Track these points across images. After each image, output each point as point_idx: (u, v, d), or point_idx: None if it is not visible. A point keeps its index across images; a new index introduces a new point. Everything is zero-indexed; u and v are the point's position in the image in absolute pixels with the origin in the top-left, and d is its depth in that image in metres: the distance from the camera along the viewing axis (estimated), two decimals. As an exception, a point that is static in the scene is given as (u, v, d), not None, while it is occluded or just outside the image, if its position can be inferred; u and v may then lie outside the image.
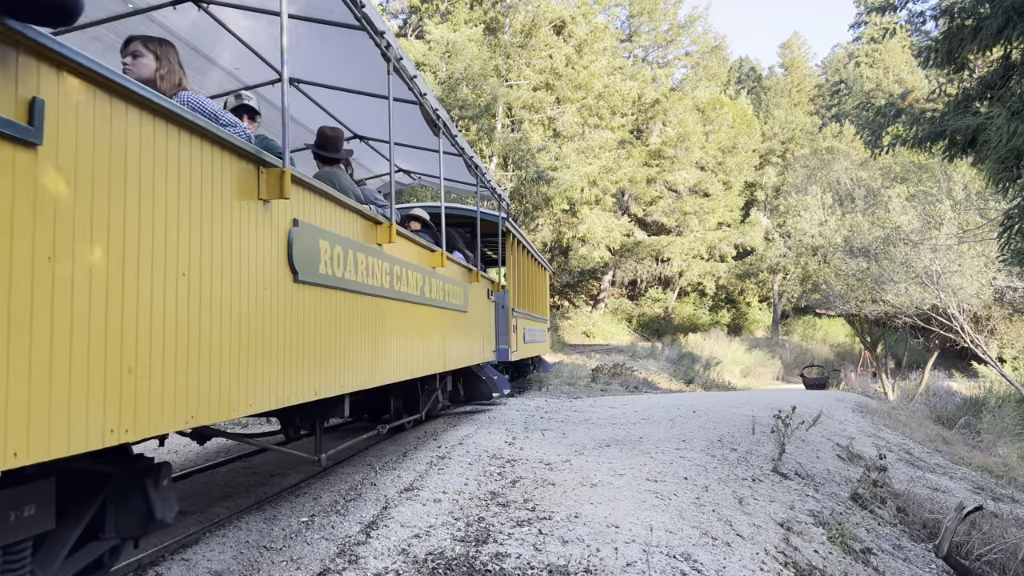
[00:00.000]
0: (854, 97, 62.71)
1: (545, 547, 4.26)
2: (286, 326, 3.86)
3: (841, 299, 31.32)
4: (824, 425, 11.73)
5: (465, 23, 34.18)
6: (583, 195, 36.67)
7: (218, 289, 3.12)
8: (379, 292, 5.46)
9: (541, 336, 17.63)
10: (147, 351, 2.61)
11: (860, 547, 5.87)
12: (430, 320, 7.00)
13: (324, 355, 4.39)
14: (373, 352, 5.33)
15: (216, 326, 3.08)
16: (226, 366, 3.14)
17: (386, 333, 5.65)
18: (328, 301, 4.49)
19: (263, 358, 3.56)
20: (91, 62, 2.32)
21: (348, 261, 4.82)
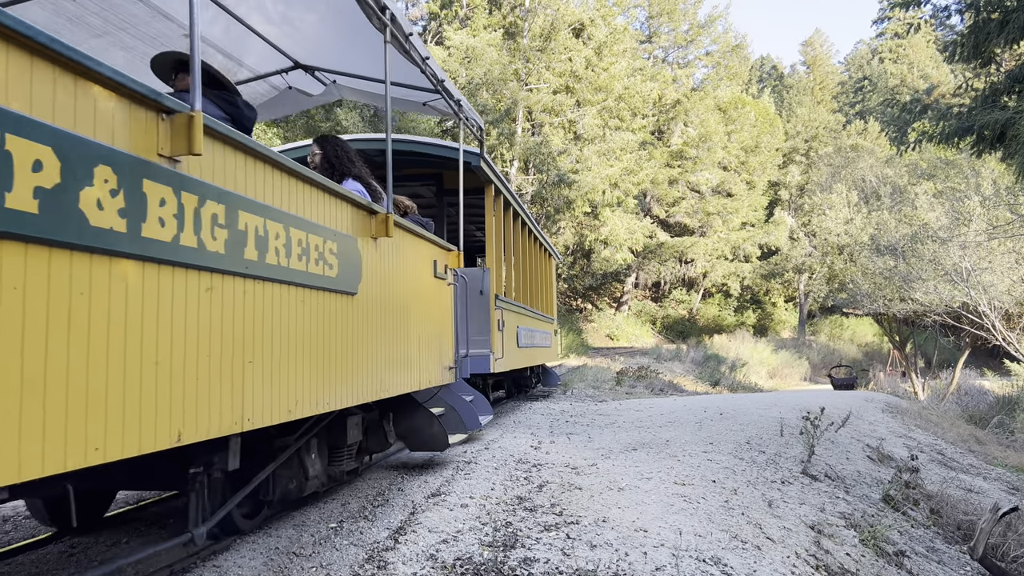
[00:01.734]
0: (878, 94, 62.02)
1: (573, 552, 4.25)
2: None
3: (868, 298, 30.97)
4: (853, 426, 11.59)
5: (484, 28, 34.28)
6: (605, 197, 36.58)
7: None
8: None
9: (545, 339, 14.26)
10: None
11: (893, 550, 5.79)
12: (257, 312, 3.32)
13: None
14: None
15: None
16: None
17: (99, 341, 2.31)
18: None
19: None
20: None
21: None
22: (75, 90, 2.24)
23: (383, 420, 5.91)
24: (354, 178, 5.12)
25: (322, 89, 6.82)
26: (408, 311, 5.46)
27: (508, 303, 9.88)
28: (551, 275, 16.31)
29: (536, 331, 12.88)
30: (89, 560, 4.25)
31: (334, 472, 5.11)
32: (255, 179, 3.34)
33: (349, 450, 5.27)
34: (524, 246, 12.16)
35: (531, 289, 12.76)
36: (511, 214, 10.82)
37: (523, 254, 12.10)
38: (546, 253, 15.36)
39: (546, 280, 15.36)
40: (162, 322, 2.63)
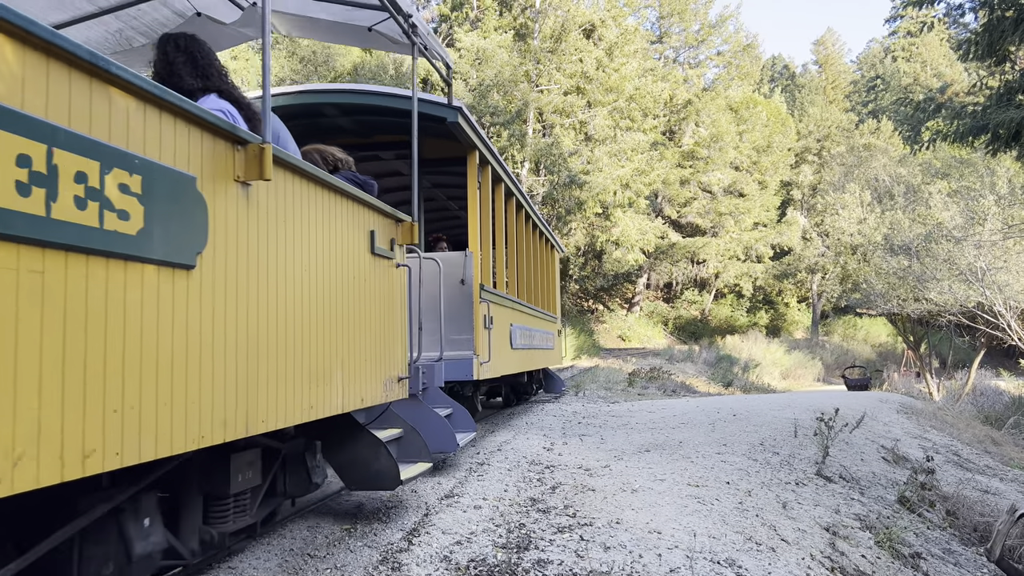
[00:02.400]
0: (891, 92, 61.69)
1: (587, 553, 4.25)
2: None
3: (882, 298, 30.80)
4: (868, 427, 11.52)
5: (495, 30, 34.32)
6: (616, 198, 36.53)
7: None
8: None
9: (547, 340, 12.68)
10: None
11: (909, 551, 5.75)
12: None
13: None
14: None
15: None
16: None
17: None
18: None
19: None
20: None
21: None
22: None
23: (307, 452, 4.26)
24: (218, 94, 3.54)
25: (238, 15, 5.31)
26: (321, 300, 3.75)
27: (498, 296, 8.32)
28: (554, 269, 14.50)
29: (535, 331, 11.25)
30: None
31: (209, 536, 3.42)
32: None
33: (239, 501, 3.65)
34: (521, 233, 10.46)
35: (529, 283, 11.18)
36: (503, 191, 9.09)
37: (519, 242, 10.42)
38: (548, 244, 13.55)
39: (548, 274, 13.69)
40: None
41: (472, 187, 7.63)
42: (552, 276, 14.27)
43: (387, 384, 4.68)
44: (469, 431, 6.60)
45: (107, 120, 2.26)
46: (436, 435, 5.77)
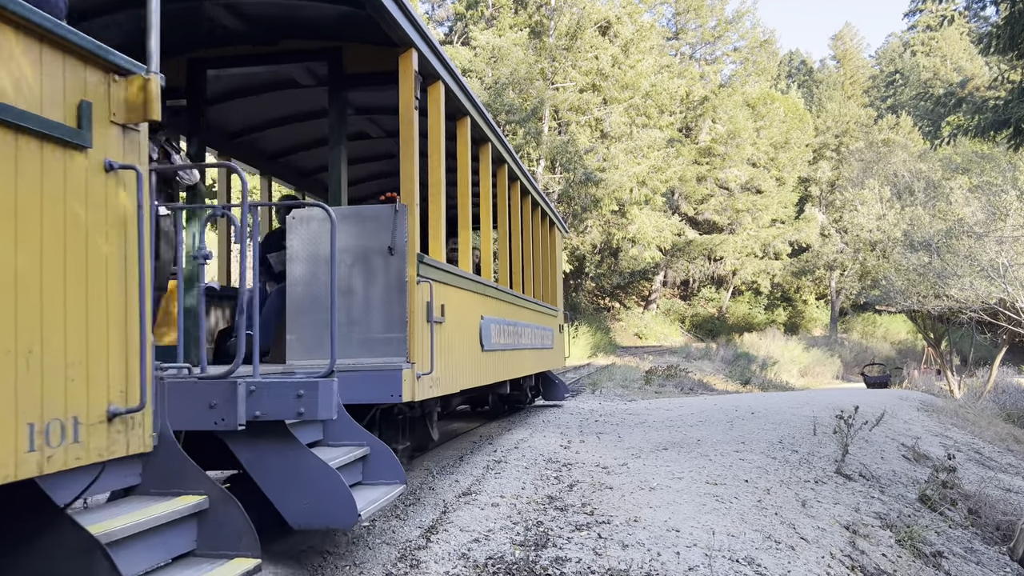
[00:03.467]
0: (911, 87, 61.08)
1: (605, 551, 4.24)
2: None
3: (902, 295, 30.50)
4: (888, 425, 11.42)
5: (510, 28, 34.29)
6: (632, 195, 36.40)
7: None
8: None
9: (542, 338, 10.36)
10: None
11: (930, 550, 5.70)
12: None
13: None
14: None
15: None
16: None
17: None
18: None
19: None
20: None
21: None
22: None
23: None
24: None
25: None
26: None
27: (453, 276, 5.96)
28: (554, 250, 11.96)
29: (524, 326, 8.89)
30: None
31: None
32: None
33: None
34: (504, 199, 8.18)
35: (517, 266, 8.90)
36: (467, 128, 6.58)
37: (503, 211, 8.24)
38: (545, 220, 11.09)
39: (546, 257, 11.20)
40: None
41: (407, 106, 5.04)
42: (552, 260, 11.73)
43: (53, 431, 2.16)
44: (391, 483, 4.19)
45: None
46: (309, 498, 3.59)
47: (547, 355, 10.96)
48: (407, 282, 4.83)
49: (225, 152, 7.30)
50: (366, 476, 4.22)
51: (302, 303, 4.85)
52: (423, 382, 5.00)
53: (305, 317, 4.83)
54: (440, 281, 5.45)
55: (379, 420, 5.21)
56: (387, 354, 4.80)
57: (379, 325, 4.85)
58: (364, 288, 4.88)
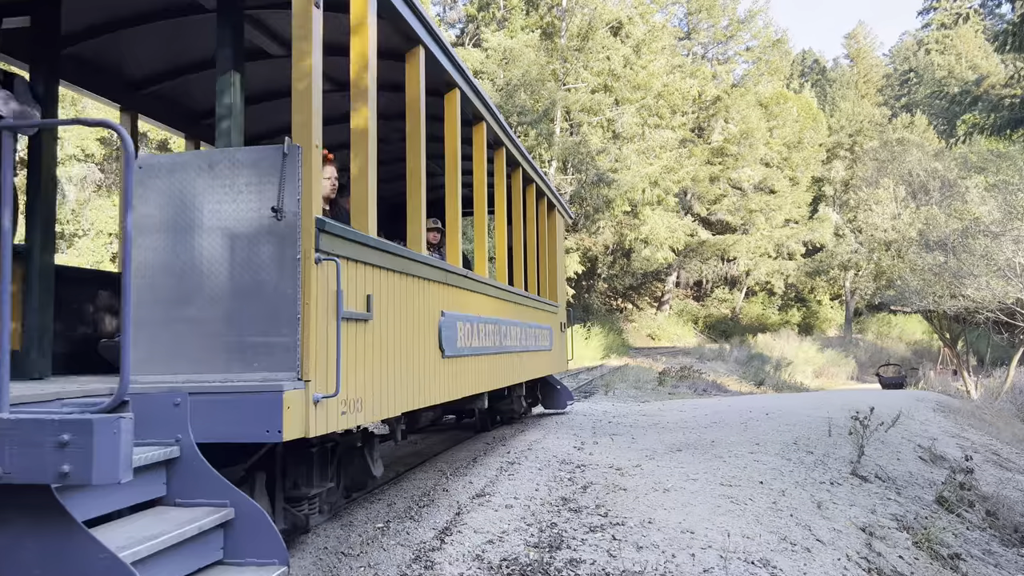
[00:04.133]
0: (925, 86, 60.59)
1: (620, 553, 4.23)
2: None
3: (917, 295, 30.25)
4: (904, 426, 11.34)
5: (522, 29, 34.33)
6: (644, 196, 36.35)
7: None
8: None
9: (538, 338, 8.82)
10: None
11: (948, 552, 5.65)
12: None
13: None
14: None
15: None
16: None
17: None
18: None
19: None
20: None
21: None
22: None
23: None
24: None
25: None
26: None
27: (387, 255, 4.31)
28: (552, 237, 10.24)
29: (513, 325, 7.38)
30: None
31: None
32: None
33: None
34: (483, 169, 6.40)
35: (504, 252, 7.58)
36: (433, 66, 5.09)
37: (482, 184, 6.47)
38: (542, 199, 9.39)
39: (544, 244, 9.64)
40: None
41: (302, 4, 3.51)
42: (551, 248, 10.10)
43: None
44: (265, 563, 2.94)
45: None
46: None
47: (544, 358, 9.37)
48: (299, 260, 3.30)
49: (81, 82, 5.39)
50: (230, 552, 2.93)
51: (156, 292, 3.41)
52: (325, 409, 3.42)
53: (161, 312, 3.39)
54: (361, 261, 3.88)
55: (283, 455, 3.83)
56: (267, 367, 3.28)
57: (256, 323, 3.32)
58: (237, 268, 3.36)
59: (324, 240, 3.42)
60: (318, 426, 3.36)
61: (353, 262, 3.77)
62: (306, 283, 3.30)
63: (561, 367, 10.82)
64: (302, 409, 3.23)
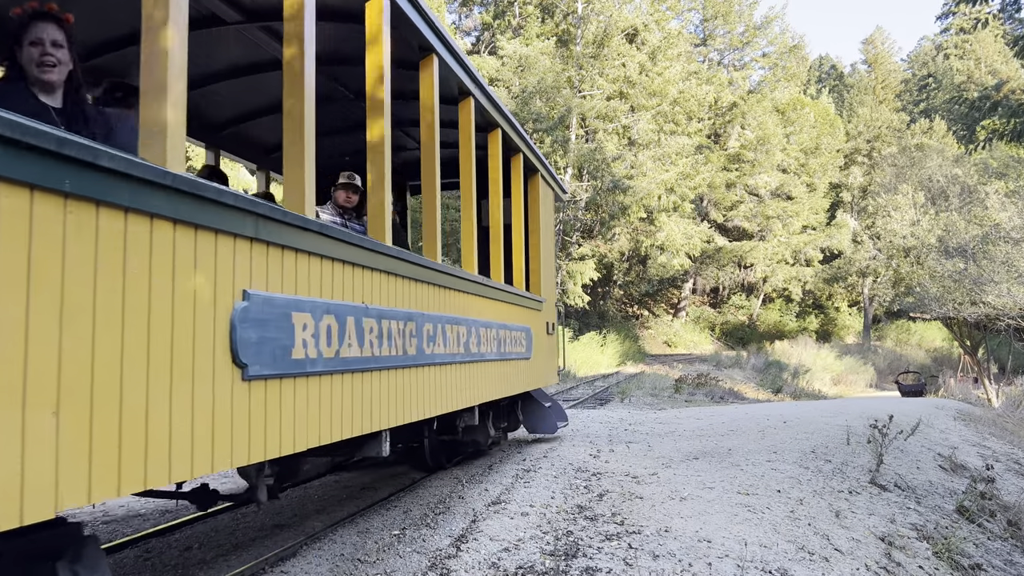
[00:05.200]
0: (944, 91, 60.14)
1: (636, 562, 4.22)
2: None
3: (937, 302, 29.99)
4: (924, 434, 11.23)
5: (537, 37, 34.42)
6: (660, 202, 36.29)
7: None
8: None
9: (517, 343, 7.00)
10: None
11: (969, 563, 5.59)
12: None
13: None
14: None
15: None
16: None
17: None
18: None
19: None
20: None
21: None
22: None
23: None
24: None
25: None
26: None
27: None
28: (536, 213, 8.10)
29: (455, 323, 5.28)
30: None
31: None
32: None
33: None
34: (432, 118, 4.96)
35: (473, 237, 5.86)
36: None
37: (432, 140, 4.99)
38: (528, 169, 7.72)
39: (528, 223, 7.95)
40: None
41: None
42: (537, 228, 8.05)
43: None
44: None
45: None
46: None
47: (520, 369, 7.05)
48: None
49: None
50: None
51: None
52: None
53: None
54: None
55: None
56: None
57: None
58: None
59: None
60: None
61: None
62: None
63: (547, 379, 8.37)
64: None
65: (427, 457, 6.71)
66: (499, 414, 7.65)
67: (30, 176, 1.85)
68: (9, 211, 1.81)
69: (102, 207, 2.10)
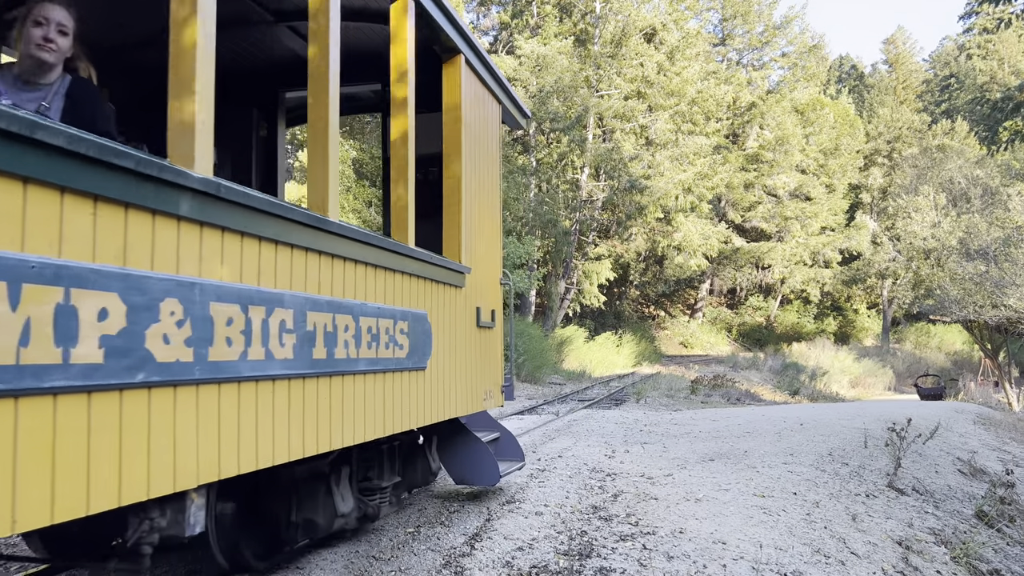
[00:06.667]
0: (966, 92, 59.50)
1: (650, 563, 4.21)
2: None
3: (958, 304, 29.69)
4: (943, 438, 11.12)
5: (555, 36, 34.38)
6: (678, 203, 36.17)
7: None
8: None
9: (397, 344, 3.88)
10: None
11: (987, 568, 5.53)
12: None
13: None
14: None
15: None
16: None
17: None
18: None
19: None
20: None
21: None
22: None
23: None
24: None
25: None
26: None
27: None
28: (457, 131, 4.94)
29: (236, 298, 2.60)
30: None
31: None
32: None
33: None
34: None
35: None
36: None
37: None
38: (464, 67, 5.01)
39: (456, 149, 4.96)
40: None
41: None
42: (458, 153, 4.98)
43: None
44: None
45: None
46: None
47: (404, 388, 4.07)
48: None
49: None
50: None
51: None
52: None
53: None
54: None
55: None
56: None
57: None
58: None
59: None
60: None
61: None
62: None
63: (475, 400, 5.17)
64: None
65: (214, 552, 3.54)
66: (372, 464, 4.47)
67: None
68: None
69: None
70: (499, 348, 5.70)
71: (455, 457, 5.36)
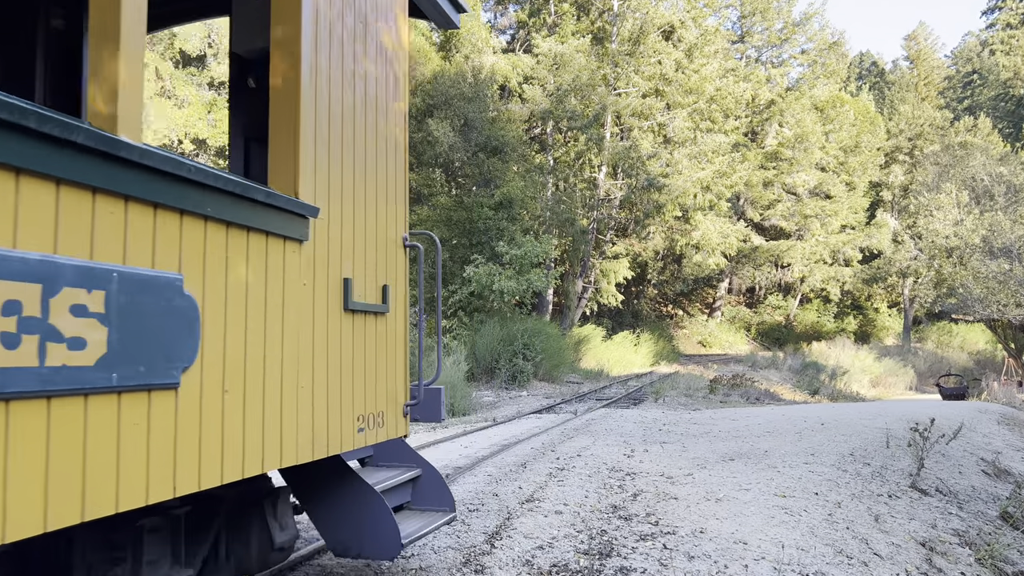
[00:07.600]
0: (990, 88, 58.78)
1: (671, 562, 4.20)
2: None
3: (980, 303, 29.36)
4: (966, 438, 10.99)
5: (572, 35, 34.29)
6: (696, 201, 35.98)
7: None
8: None
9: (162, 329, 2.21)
10: None
11: (1013, 570, 5.47)
12: None
13: None
14: None
15: None
16: None
17: None
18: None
19: None
20: None
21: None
22: None
23: None
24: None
25: None
26: None
27: None
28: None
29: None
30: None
31: None
32: None
33: None
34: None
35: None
36: None
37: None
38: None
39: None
40: None
41: None
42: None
43: None
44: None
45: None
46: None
47: (121, 424, 2.07)
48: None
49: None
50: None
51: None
52: None
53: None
54: None
55: None
56: None
57: None
58: None
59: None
60: None
61: None
62: None
63: (334, 438, 3.19)
64: None
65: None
66: (121, 554, 2.60)
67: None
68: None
69: None
70: (400, 344, 3.78)
71: (331, 512, 3.52)
